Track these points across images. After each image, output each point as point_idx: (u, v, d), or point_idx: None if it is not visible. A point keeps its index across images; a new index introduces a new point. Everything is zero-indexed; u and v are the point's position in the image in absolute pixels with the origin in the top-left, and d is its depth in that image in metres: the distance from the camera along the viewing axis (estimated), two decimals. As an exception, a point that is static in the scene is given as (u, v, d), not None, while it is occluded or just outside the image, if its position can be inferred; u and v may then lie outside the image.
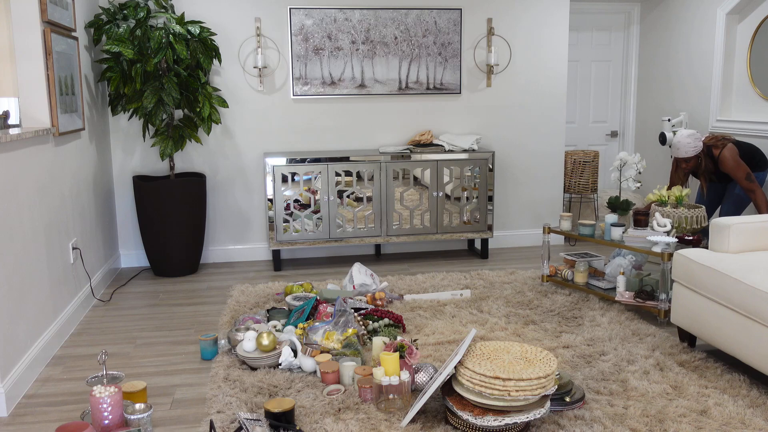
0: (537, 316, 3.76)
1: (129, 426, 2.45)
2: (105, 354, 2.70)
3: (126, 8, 4.41)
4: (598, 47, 6.24)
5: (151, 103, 4.31)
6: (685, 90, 5.60)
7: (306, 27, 4.95)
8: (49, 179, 3.46)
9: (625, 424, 2.52)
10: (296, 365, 3.05)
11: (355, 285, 4.03)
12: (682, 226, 4.21)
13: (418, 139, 5.12)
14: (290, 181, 4.75)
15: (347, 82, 5.07)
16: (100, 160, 4.56)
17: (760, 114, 4.92)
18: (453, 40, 5.15)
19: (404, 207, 4.92)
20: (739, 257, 3.08)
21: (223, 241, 5.13)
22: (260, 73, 4.94)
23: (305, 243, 4.83)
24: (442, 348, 3.29)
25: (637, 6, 6.15)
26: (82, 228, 4.05)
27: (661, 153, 5.90)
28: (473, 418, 2.38)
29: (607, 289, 4.05)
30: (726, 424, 2.52)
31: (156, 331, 3.65)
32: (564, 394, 2.64)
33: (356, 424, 2.53)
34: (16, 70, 3.42)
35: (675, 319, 3.29)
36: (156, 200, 4.52)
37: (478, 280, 4.47)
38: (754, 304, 2.72)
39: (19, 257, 2.99)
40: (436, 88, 5.20)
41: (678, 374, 2.96)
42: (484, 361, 2.47)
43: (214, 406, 2.69)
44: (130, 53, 4.24)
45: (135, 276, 4.78)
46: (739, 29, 5.09)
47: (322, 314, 3.48)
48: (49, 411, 2.74)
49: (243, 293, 4.21)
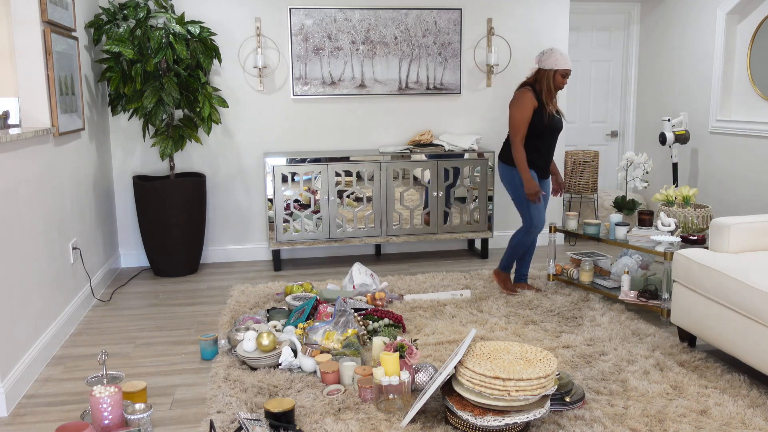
0: (537, 316, 3.76)
1: (129, 426, 2.45)
2: (105, 354, 2.70)
3: (126, 8, 4.41)
4: (598, 47, 6.24)
5: (151, 103, 4.31)
6: (685, 90, 5.60)
7: (306, 27, 4.95)
8: (49, 179, 3.46)
9: (625, 424, 2.52)
10: (296, 365, 3.05)
11: (355, 285, 4.03)
12: (688, 226, 4.21)
13: (418, 139, 5.11)
14: (290, 181, 4.75)
15: (347, 82, 5.07)
16: (100, 160, 4.56)
17: (760, 114, 4.92)
18: (453, 40, 5.15)
19: (404, 207, 4.92)
20: (739, 257, 3.08)
21: (223, 241, 5.13)
22: (260, 73, 4.94)
23: (305, 243, 4.83)
24: (442, 348, 3.29)
25: (637, 6, 6.15)
26: (82, 228, 4.05)
27: (662, 153, 5.90)
28: (473, 418, 2.38)
29: (612, 288, 4.06)
30: (726, 424, 2.52)
31: (156, 331, 3.65)
32: (564, 394, 2.64)
33: (356, 424, 2.52)
34: (16, 70, 3.42)
35: (675, 319, 3.29)
36: (156, 200, 4.52)
37: (478, 280, 4.47)
38: (754, 304, 2.72)
39: (19, 257, 2.99)
40: (436, 88, 5.20)
41: (678, 374, 2.96)
42: (484, 361, 2.47)
43: (214, 406, 2.69)
44: (130, 53, 4.24)
45: (135, 276, 4.78)
46: (739, 29, 5.09)
47: (322, 314, 3.48)
48: (49, 411, 2.74)
49: (243, 293, 4.21)
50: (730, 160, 5.14)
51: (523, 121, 3.86)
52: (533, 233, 4.07)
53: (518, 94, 3.90)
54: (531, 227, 4.04)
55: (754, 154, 4.90)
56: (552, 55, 3.84)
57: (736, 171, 5.09)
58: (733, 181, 5.12)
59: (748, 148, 4.96)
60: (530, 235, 4.07)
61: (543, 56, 3.87)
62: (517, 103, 3.88)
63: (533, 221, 4.02)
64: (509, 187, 4.07)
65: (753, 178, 4.92)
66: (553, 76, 3.86)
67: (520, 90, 3.93)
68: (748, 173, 4.96)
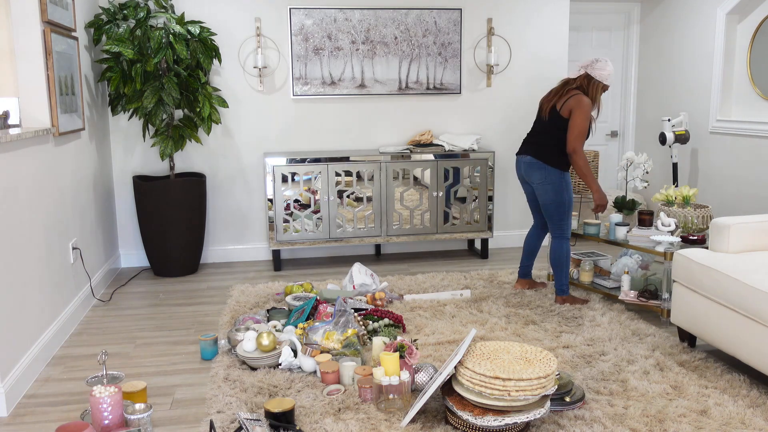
0: (537, 316, 3.76)
1: (129, 426, 2.45)
2: (105, 354, 2.70)
3: (126, 8, 4.41)
4: (598, 47, 6.24)
5: (151, 103, 4.31)
6: (685, 90, 5.60)
7: (306, 27, 4.95)
8: (49, 179, 3.46)
9: (625, 424, 2.52)
10: (296, 365, 3.05)
11: (355, 285, 4.03)
12: (688, 226, 4.21)
13: (418, 139, 5.12)
14: (290, 181, 4.75)
15: (347, 82, 5.07)
16: (100, 160, 4.56)
17: (760, 114, 4.92)
18: (453, 40, 5.15)
19: (404, 207, 4.92)
20: (739, 257, 3.08)
21: (223, 241, 5.13)
22: (260, 73, 4.94)
23: (305, 243, 4.83)
24: (442, 348, 3.29)
25: (637, 6, 6.15)
26: (82, 228, 4.05)
27: (662, 153, 5.90)
28: (473, 418, 2.38)
29: (612, 288, 4.06)
30: (726, 424, 2.52)
31: (156, 331, 3.65)
32: (564, 394, 2.64)
33: (356, 424, 2.52)
34: (16, 70, 3.42)
35: (675, 319, 3.29)
36: (156, 200, 4.52)
37: (478, 280, 4.47)
38: (754, 304, 2.72)
39: (19, 257, 2.99)
40: (436, 88, 5.20)
41: (678, 374, 2.96)
42: (484, 361, 2.47)
43: (214, 406, 2.69)
44: (130, 53, 4.24)
45: (135, 276, 4.78)
46: (739, 29, 5.09)
47: (322, 314, 3.48)
48: (49, 411, 2.74)
49: (243, 293, 4.21)
50: (730, 160, 5.15)
51: (587, 127, 3.72)
52: (566, 241, 3.88)
53: (581, 100, 3.70)
54: (563, 234, 3.87)
55: (754, 154, 4.90)
56: (607, 67, 3.74)
57: (736, 171, 5.09)
58: (733, 181, 5.12)
59: (748, 148, 4.96)
60: (564, 243, 3.88)
61: (597, 65, 3.74)
62: (582, 109, 3.68)
63: (567, 228, 3.86)
64: (551, 188, 3.81)
65: (753, 178, 4.92)
66: (602, 87, 3.78)
67: (577, 95, 3.72)
68: (748, 173, 4.96)
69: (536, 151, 3.85)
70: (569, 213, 3.84)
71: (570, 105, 3.73)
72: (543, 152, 3.83)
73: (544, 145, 3.83)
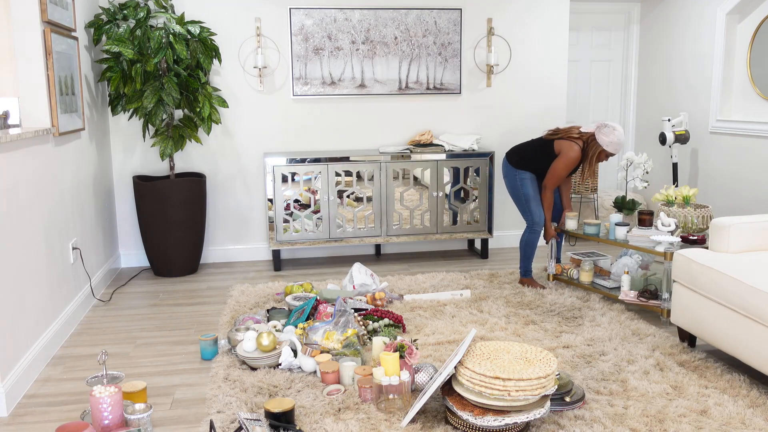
0: (537, 316, 3.76)
1: (129, 426, 2.45)
2: (105, 354, 2.70)
3: (126, 8, 4.41)
4: (598, 47, 6.24)
5: (151, 103, 4.31)
6: (685, 90, 5.60)
7: (306, 27, 4.95)
8: (49, 179, 3.46)
9: (625, 424, 2.52)
10: (296, 365, 3.05)
11: (355, 285, 4.03)
12: (688, 226, 4.21)
13: (418, 139, 5.12)
14: (290, 181, 4.75)
15: (347, 82, 5.07)
16: (100, 160, 4.56)
17: (760, 114, 4.92)
18: (453, 40, 5.15)
19: (404, 207, 4.92)
20: (739, 257, 3.08)
21: (223, 241, 5.13)
22: (260, 73, 4.94)
23: (305, 243, 4.83)
24: (442, 348, 3.29)
25: (637, 6, 6.15)
26: (82, 228, 4.05)
27: (662, 153, 5.90)
28: (473, 418, 2.38)
29: (612, 288, 4.06)
30: (726, 424, 2.52)
31: (156, 331, 3.66)
32: (564, 394, 2.64)
33: (356, 424, 2.53)
34: (16, 70, 3.42)
35: (675, 319, 3.29)
36: (156, 200, 4.52)
37: (478, 280, 4.47)
38: (754, 304, 2.72)
39: (19, 257, 2.99)
40: (436, 88, 5.20)
41: (678, 374, 2.96)
42: (484, 361, 2.47)
43: (214, 406, 2.69)
44: (130, 53, 4.24)
45: (135, 276, 4.78)
46: (739, 29, 5.09)
47: (322, 314, 3.48)
48: (49, 411, 2.74)
49: (243, 293, 4.21)
50: (730, 160, 5.15)
51: (565, 174, 4.09)
52: (537, 230, 4.23)
53: (571, 147, 4.04)
54: (533, 224, 4.23)
55: (754, 154, 4.90)
56: (612, 134, 3.96)
57: (736, 171, 5.09)
58: (733, 181, 5.12)
59: (748, 148, 4.96)
60: (535, 233, 4.24)
61: (605, 129, 3.98)
62: (567, 157, 4.04)
63: (534, 218, 4.20)
64: (509, 187, 4.29)
65: (753, 178, 4.92)
66: (602, 150, 4.03)
67: (572, 142, 4.05)
68: (748, 173, 4.96)
69: (510, 153, 4.28)
70: (530, 205, 4.19)
71: (562, 146, 4.08)
72: (513, 154, 4.25)
73: (518, 150, 4.24)
